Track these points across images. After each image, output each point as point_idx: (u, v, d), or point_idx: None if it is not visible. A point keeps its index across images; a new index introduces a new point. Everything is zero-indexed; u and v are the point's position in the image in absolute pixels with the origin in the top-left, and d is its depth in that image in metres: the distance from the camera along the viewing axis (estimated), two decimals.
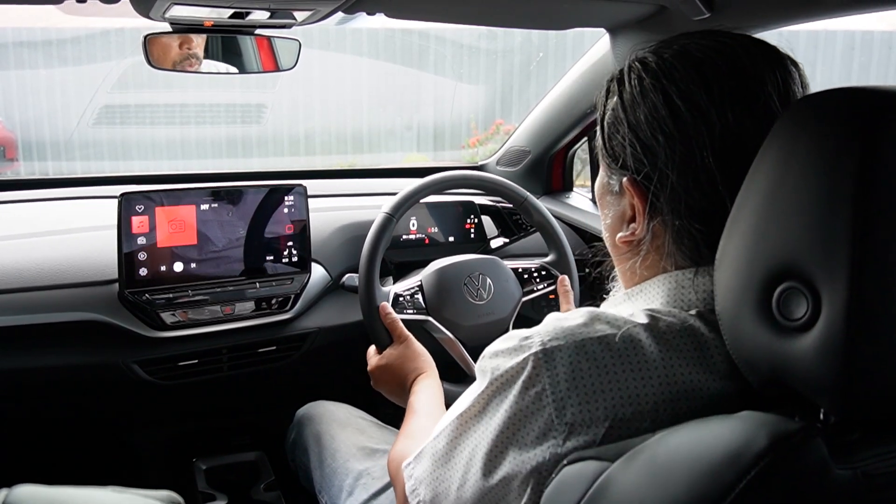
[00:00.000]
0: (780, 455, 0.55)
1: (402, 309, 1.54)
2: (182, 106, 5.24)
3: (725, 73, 0.73)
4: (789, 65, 0.76)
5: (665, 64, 0.75)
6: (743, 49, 0.75)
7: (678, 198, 0.74)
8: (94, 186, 1.94)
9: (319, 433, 1.53)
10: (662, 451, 0.61)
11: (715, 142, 0.72)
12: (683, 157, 0.73)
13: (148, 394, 1.63)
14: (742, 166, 0.68)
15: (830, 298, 0.56)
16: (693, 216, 0.74)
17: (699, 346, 0.70)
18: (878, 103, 0.58)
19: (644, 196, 0.77)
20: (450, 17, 1.47)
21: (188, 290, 1.57)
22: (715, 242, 0.69)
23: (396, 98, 5.81)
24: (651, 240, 0.78)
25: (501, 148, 2.34)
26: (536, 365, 0.70)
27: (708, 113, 0.72)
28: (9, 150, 5.11)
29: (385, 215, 1.56)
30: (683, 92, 0.73)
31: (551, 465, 0.69)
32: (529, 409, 0.70)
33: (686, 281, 0.76)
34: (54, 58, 4.98)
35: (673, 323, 0.71)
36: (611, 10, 1.44)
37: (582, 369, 0.69)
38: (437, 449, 0.82)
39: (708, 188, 0.73)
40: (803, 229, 0.59)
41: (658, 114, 0.74)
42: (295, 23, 1.34)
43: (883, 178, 0.56)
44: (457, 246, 1.92)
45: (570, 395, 0.68)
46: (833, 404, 0.59)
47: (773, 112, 0.72)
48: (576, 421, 0.68)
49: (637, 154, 0.76)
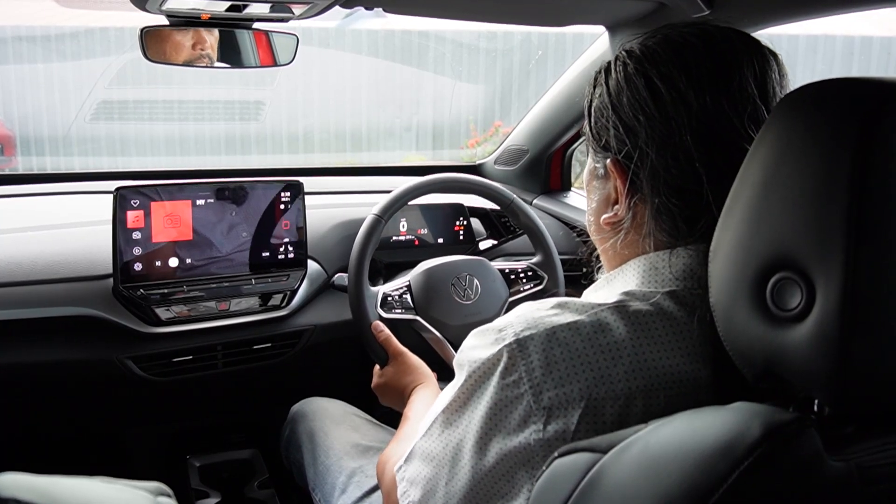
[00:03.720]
0: (774, 446, 0.55)
1: (391, 308, 1.57)
2: (181, 102, 5.24)
3: (704, 58, 0.77)
4: (767, 54, 0.80)
5: (648, 50, 0.80)
6: (722, 36, 0.79)
7: (657, 175, 0.78)
8: (89, 182, 1.93)
9: (313, 430, 1.53)
10: (655, 442, 0.61)
11: (692, 121, 0.75)
12: (663, 135, 0.77)
13: (142, 390, 1.62)
14: (718, 145, 0.74)
15: (825, 288, 0.56)
16: (671, 192, 0.77)
17: (670, 325, 0.74)
18: (875, 93, 0.57)
19: (625, 175, 0.81)
20: (447, 12, 1.46)
21: (183, 285, 1.57)
22: (691, 217, 0.76)
23: (396, 96, 5.80)
24: (632, 219, 0.82)
25: (500, 147, 2.34)
26: (511, 355, 0.73)
27: (686, 94, 0.76)
28: (7, 148, 5.10)
29: (374, 217, 1.58)
30: (664, 74, 0.77)
31: (538, 452, 0.72)
32: (508, 397, 0.73)
33: (661, 262, 0.79)
34: (53, 52, 4.97)
35: (642, 305, 0.75)
36: (610, 8, 1.44)
37: (555, 355, 0.72)
38: (425, 446, 0.84)
39: (685, 165, 0.76)
40: (798, 219, 0.58)
41: (640, 95, 0.78)
42: (293, 17, 1.33)
43: (878, 168, 0.55)
44: (446, 247, 1.93)
45: (546, 380, 0.71)
46: (827, 395, 0.58)
47: (750, 96, 0.76)
48: (553, 405, 0.71)
49: (619, 135, 0.80)
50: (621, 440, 0.63)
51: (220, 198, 1.59)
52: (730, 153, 0.74)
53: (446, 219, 1.96)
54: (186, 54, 1.43)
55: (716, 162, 0.74)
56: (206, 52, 1.44)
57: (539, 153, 2.18)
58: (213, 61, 1.46)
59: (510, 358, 0.73)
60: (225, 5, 1.23)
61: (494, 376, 0.74)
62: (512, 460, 0.74)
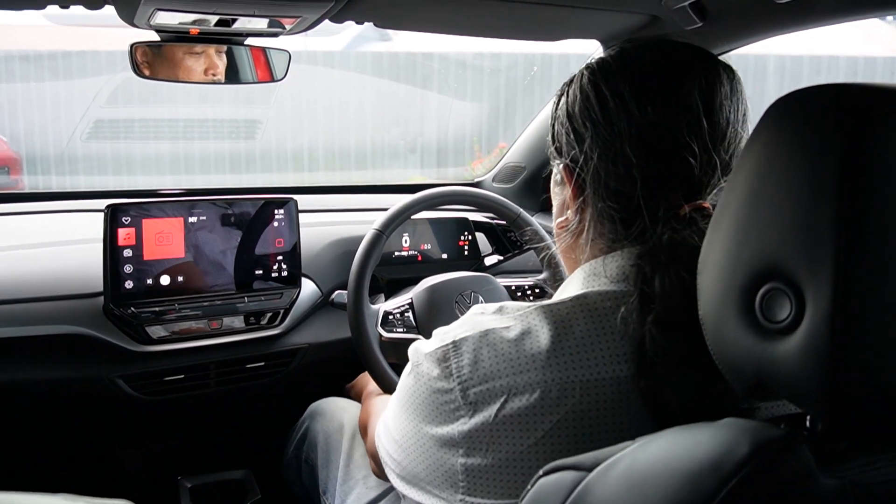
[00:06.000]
0: (763, 462, 0.53)
1: (392, 327, 1.52)
2: (181, 120, 5.24)
3: (651, 70, 0.82)
4: (720, 70, 0.83)
5: (603, 62, 0.86)
6: (675, 51, 0.84)
7: (599, 179, 0.83)
8: (81, 200, 1.92)
9: (330, 430, 1.53)
10: (641, 459, 0.59)
11: (632, 129, 0.80)
12: (605, 141, 0.82)
13: (133, 409, 1.61)
14: (656, 154, 0.79)
15: (814, 299, 0.54)
16: (610, 196, 0.82)
17: (594, 325, 0.77)
18: (863, 100, 0.56)
19: (572, 178, 0.87)
20: (440, 27, 1.45)
21: (175, 303, 1.55)
22: (628, 221, 0.81)
23: (400, 116, 5.81)
24: (579, 223, 0.87)
25: (497, 164, 2.33)
26: (446, 354, 0.81)
27: (629, 104, 0.80)
28: (13, 170, 5.13)
29: (375, 232, 1.54)
30: (611, 84, 0.82)
31: (461, 444, 0.79)
32: (441, 391, 0.81)
33: (599, 266, 0.84)
34: (59, 72, 5.00)
35: (570, 306, 0.79)
36: (603, 22, 1.43)
37: (482, 355, 0.79)
38: (382, 430, 0.95)
39: (624, 171, 0.81)
40: (786, 228, 0.57)
41: (589, 104, 0.83)
42: (283, 31, 1.33)
43: (867, 175, 0.53)
44: (450, 263, 1.89)
45: (472, 377, 0.78)
46: (817, 409, 0.56)
47: (693, 109, 0.80)
48: (478, 400, 0.78)
49: (570, 141, 0.86)
50: (607, 457, 0.61)
51: (213, 215, 1.58)
52: (667, 162, 0.79)
53: (450, 234, 1.91)
54: (198, 77, 1.43)
55: (653, 169, 0.79)
56: (217, 76, 1.44)
57: (536, 170, 2.17)
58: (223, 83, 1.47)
59: (445, 357, 0.81)
60: (213, 20, 1.22)
61: (433, 373, 0.82)
62: (444, 448, 0.80)
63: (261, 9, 1.16)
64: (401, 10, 1.30)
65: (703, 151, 0.79)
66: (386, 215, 1.56)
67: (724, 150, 0.81)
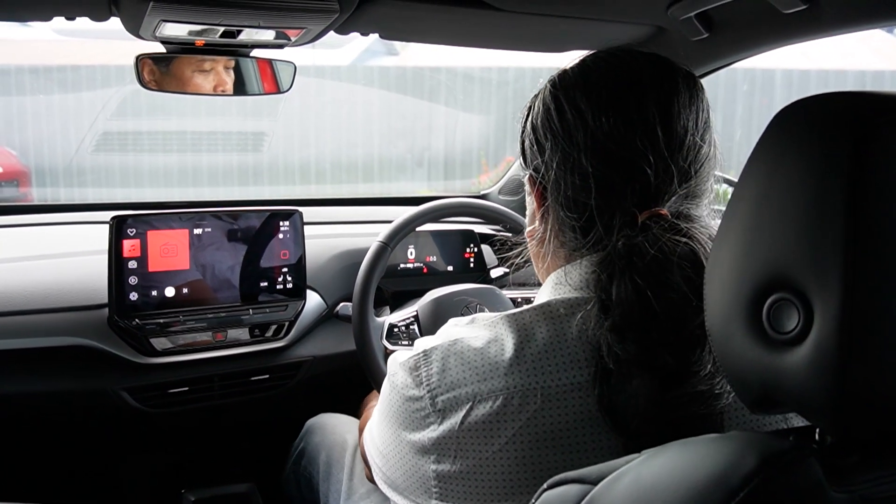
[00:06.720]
0: (771, 476, 0.52)
1: (397, 340, 1.51)
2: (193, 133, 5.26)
3: (607, 81, 0.83)
4: (679, 80, 0.84)
5: (565, 74, 0.87)
6: (634, 61, 0.85)
7: (559, 188, 0.84)
8: (88, 212, 1.93)
9: (331, 444, 1.52)
10: (647, 472, 0.58)
11: (588, 139, 0.81)
12: (564, 152, 0.83)
13: (137, 421, 1.60)
14: (611, 162, 0.81)
15: (822, 309, 0.53)
16: (569, 206, 0.84)
17: (554, 332, 0.78)
18: (870, 108, 0.55)
19: (535, 187, 0.89)
20: (444, 38, 1.46)
21: (179, 315, 1.55)
22: (585, 229, 0.83)
23: (407, 129, 5.81)
24: (543, 231, 0.89)
25: (503, 177, 2.32)
26: (417, 364, 0.83)
27: (585, 114, 0.82)
28: (22, 183, 5.15)
29: (379, 244, 1.54)
30: (569, 96, 0.84)
31: (431, 450, 0.80)
32: (413, 398, 0.83)
33: (562, 276, 0.85)
34: (68, 85, 5.02)
35: (533, 315, 0.81)
36: (608, 33, 1.43)
37: (450, 365, 0.81)
38: (368, 437, 0.97)
39: (580, 181, 0.82)
40: (793, 238, 0.56)
41: (550, 115, 0.85)
42: (288, 43, 1.33)
43: (875, 184, 0.53)
44: (456, 275, 1.88)
45: (440, 385, 0.80)
46: (826, 421, 0.55)
47: (649, 118, 0.81)
48: (445, 407, 0.80)
49: (533, 150, 0.88)
50: (612, 471, 0.60)
51: (218, 227, 1.58)
52: (623, 171, 0.80)
53: (456, 246, 1.90)
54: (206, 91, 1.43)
55: (608, 179, 0.81)
56: (227, 93, 1.44)
57: None
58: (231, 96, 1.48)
59: (416, 366, 0.83)
60: (219, 31, 1.22)
61: (406, 382, 0.84)
62: (415, 455, 0.82)
63: (266, 20, 1.16)
64: (405, 21, 1.30)
65: (659, 160, 0.80)
66: (390, 227, 1.56)
67: (682, 159, 0.82)
